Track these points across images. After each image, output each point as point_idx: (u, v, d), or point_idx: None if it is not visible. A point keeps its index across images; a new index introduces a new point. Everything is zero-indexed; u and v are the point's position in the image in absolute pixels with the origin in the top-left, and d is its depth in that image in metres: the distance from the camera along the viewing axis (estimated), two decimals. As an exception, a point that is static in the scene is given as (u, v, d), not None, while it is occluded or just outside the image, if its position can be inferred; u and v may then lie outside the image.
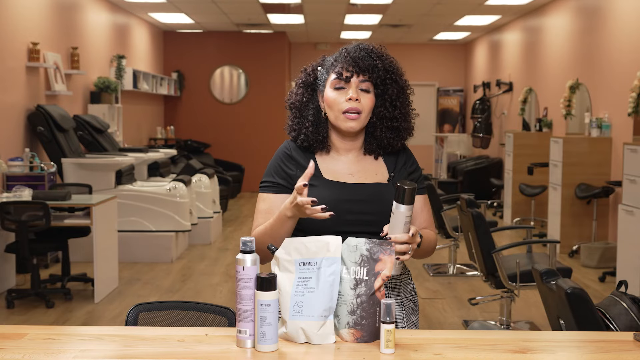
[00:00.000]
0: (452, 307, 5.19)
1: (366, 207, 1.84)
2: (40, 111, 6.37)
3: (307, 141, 1.91)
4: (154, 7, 9.48)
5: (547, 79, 8.88)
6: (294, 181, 1.87)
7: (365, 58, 1.87)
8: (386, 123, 1.90)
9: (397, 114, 1.91)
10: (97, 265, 5.22)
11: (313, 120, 1.92)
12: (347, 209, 1.80)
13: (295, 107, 1.95)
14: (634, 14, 6.42)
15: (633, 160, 5.35)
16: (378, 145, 1.93)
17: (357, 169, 1.92)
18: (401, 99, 1.92)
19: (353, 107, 1.84)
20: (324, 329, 1.58)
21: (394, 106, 1.90)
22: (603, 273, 5.96)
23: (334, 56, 1.94)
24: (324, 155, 1.93)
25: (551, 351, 1.61)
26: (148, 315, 1.94)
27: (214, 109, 12.05)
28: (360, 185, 1.88)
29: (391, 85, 1.89)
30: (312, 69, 1.96)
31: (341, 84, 1.86)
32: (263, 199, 1.91)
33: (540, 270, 2.75)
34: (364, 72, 1.86)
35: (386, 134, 1.91)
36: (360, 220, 1.82)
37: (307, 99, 1.94)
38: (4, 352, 1.52)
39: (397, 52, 10.80)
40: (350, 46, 1.92)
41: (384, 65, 1.89)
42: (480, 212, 4.40)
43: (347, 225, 1.80)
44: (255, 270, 1.56)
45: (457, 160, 11.99)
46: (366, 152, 1.94)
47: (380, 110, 1.89)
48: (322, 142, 1.92)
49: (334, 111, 1.87)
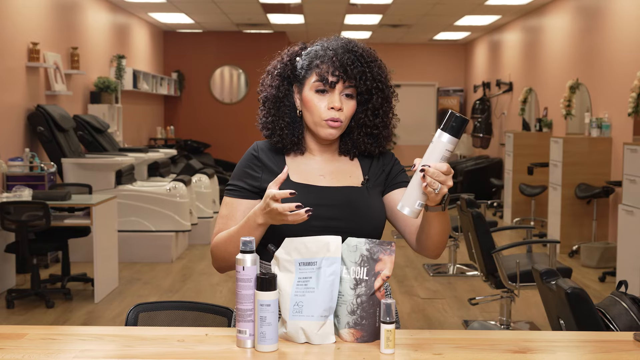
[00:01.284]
0: (452, 307, 5.19)
1: (335, 213, 1.72)
2: (40, 111, 6.37)
3: (281, 142, 1.79)
4: (154, 7, 9.48)
5: (547, 79, 8.88)
6: (260, 185, 1.76)
7: (354, 64, 1.72)
8: (365, 130, 1.78)
9: (377, 122, 1.78)
10: (97, 265, 5.22)
11: (289, 120, 1.78)
12: (314, 214, 1.61)
13: (270, 101, 1.79)
14: (634, 14, 6.42)
15: (633, 160, 5.35)
16: (353, 146, 1.81)
17: (329, 170, 1.80)
18: (384, 108, 1.79)
19: (335, 116, 1.72)
20: (324, 329, 1.58)
21: (375, 115, 1.78)
22: (603, 273, 5.96)
23: (315, 49, 1.77)
24: (297, 156, 1.81)
25: (551, 351, 1.61)
26: (148, 315, 1.94)
27: (214, 109, 12.05)
28: (330, 188, 1.76)
29: (376, 94, 1.76)
30: (289, 59, 1.80)
31: (325, 87, 1.72)
32: (225, 203, 1.80)
33: (540, 270, 2.75)
34: (350, 80, 1.72)
35: (364, 139, 1.79)
36: (329, 226, 1.70)
37: (283, 93, 1.79)
38: (4, 352, 1.52)
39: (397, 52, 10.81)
40: (336, 44, 1.76)
41: (372, 73, 1.75)
42: (480, 212, 4.40)
43: (315, 232, 1.67)
44: (255, 270, 1.56)
45: (457, 160, 11.99)
46: (341, 152, 1.83)
47: (361, 117, 1.77)
48: (297, 143, 1.79)
49: (314, 116, 1.74)
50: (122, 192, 6.57)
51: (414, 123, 13.52)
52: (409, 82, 13.45)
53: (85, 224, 5.19)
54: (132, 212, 6.61)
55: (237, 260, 1.56)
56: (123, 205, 6.46)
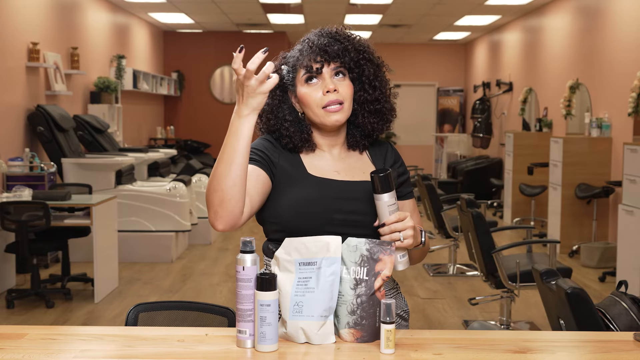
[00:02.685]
0: (452, 307, 5.19)
1: (356, 207, 1.71)
2: (40, 111, 6.37)
3: (291, 142, 1.75)
4: (154, 7, 9.48)
5: (547, 79, 8.88)
6: (275, 166, 1.72)
7: (332, 43, 1.71)
8: (368, 107, 1.75)
9: (378, 95, 1.75)
10: (97, 265, 5.22)
11: (292, 119, 1.75)
12: (336, 208, 1.66)
13: (267, 111, 1.77)
14: (634, 14, 6.42)
15: (633, 160, 5.35)
16: (362, 134, 1.79)
17: (342, 167, 1.78)
18: (379, 77, 1.75)
19: (333, 99, 1.69)
20: (324, 329, 1.57)
21: (374, 87, 1.74)
22: (603, 273, 5.96)
23: (296, 49, 1.77)
24: (309, 153, 1.78)
25: (551, 351, 1.60)
26: (148, 315, 1.94)
27: (214, 109, 12.05)
28: (349, 182, 1.74)
29: (366, 65, 1.73)
30: (274, 71, 1.73)
31: (313, 77, 1.70)
32: None
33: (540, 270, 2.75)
34: (334, 59, 1.70)
35: (369, 119, 1.76)
36: (349, 220, 1.70)
37: (278, 100, 1.77)
38: (4, 352, 1.52)
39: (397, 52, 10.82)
40: (311, 34, 1.75)
41: (354, 45, 1.72)
42: (480, 212, 4.40)
43: (335, 225, 1.68)
44: (255, 270, 1.56)
45: (457, 160, 11.99)
46: (350, 146, 1.80)
47: (361, 95, 1.74)
48: (307, 140, 1.76)
49: (312, 108, 1.71)
50: (122, 192, 6.57)
51: (414, 123, 13.52)
52: (409, 82, 13.45)
53: (85, 224, 5.19)
54: (132, 212, 6.61)
55: (237, 260, 1.56)
56: (123, 205, 6.46)
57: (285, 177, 1.73)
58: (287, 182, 1.73)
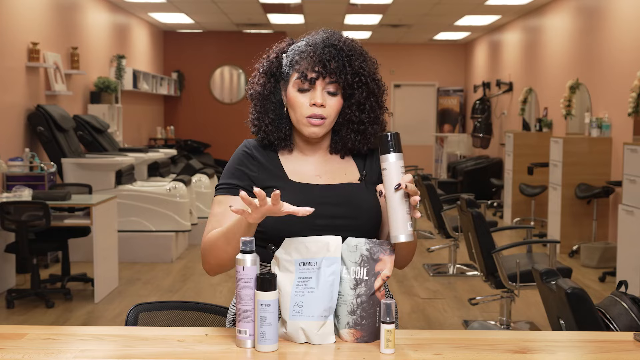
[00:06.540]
0: (452, 307, 5.19)
1: (338, 211, 1.70)
2: (40, 111, 6.37)
3: (267, 139, 1.76)
4: (154, 7, 9.48)
5: (547, 79, 8.88)
6: (257, 184, 1.72)
7: (334, 58, 1.68)
8: (351, 126, 1.74)
9: (364, 118, 1.73)
10: (97, 265, 5.22)
11: (274, 116, 1.76)
12: (317, 213, 1.59)
13: (256, 98, 1.77)
14: (634, 14, 6.42)
15: (633, 160, 5.35)
16: (343, 146, 1.77)
17: (324, 170, 1.77)
18: (370, 101, 1.74)
19: (317, 113, 1.68)
20: (324, 329, 1.57)
21: (361, 110, 1.73)
22: (603, 273, 5.96)
23: (299, 45, 1.74)
24: (287, 155, 1.78)
25: (551, 351, 1.60)
26: (148, 315, 1.94)
27: (214, 109, 12.05)
28: (330, 186, 1.73)
29: (359, 89, 1.71)
30: (275, 56, 1.77)
31: (305, 85, 1.69)
32: (219, 201, 1.75)
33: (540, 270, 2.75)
34: (330, 75, 1.68)
35: (351, 136, 1.75)
36: (332, 225, 1.68)
37: (269, 90, 1.76)
38: (4, 352, 1.52)
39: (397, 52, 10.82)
40: (316, 39, 1.73)
41: (353, 66, 1.70)
42: (480, 212, 4.40)
43: (317, 230, 1.66)
44: (255, 270, 1.56)
45: (457, 160, 11.99)
46: (332, 151, 1.79)
47: (347, 113, 1.73)
48: (284, 139, 1.76)
49: (297, 114, 1.71)
50: (122, 192, 6.57)
51: (414, 123, 13.52)
52: (409, 82, 13.45)
53: (85, 224, 5.19)
54: (132, 212, 6.61)
55: (237, 260, 1.56)
56: (123, 205, 6.46)
57: (265, 184, 1.72)
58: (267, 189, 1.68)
